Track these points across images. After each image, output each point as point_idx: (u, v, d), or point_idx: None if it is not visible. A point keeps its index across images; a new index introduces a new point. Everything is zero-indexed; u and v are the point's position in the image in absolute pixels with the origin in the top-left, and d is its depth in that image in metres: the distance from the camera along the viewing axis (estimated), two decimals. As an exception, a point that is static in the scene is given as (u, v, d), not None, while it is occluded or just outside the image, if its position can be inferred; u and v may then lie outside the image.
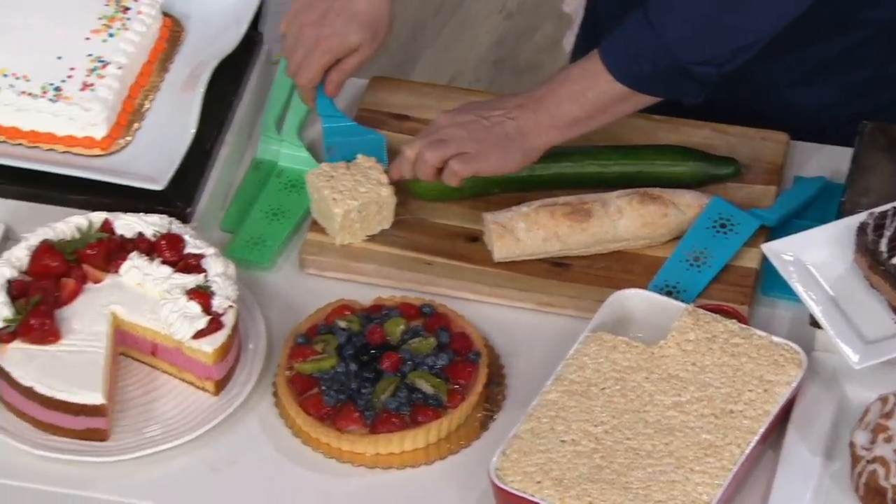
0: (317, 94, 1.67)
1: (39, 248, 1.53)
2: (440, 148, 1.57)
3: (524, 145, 1.57)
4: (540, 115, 1.56)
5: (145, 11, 1.71)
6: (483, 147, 1.57)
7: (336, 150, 1.66)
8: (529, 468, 1.42)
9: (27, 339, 1.48)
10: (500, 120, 1.57)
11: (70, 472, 1.47)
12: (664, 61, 1.52)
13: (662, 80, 1.53)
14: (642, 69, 1.52)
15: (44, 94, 1.62)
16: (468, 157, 1.57)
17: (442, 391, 1.49)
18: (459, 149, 1.57)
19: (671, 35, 1.51)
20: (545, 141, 1.57)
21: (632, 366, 1.49)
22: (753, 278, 1.60)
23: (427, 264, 1.61)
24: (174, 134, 1.63)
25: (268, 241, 1.64)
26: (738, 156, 1.69)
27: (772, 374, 1.47)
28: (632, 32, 1.53)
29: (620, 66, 1.53)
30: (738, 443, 1.43)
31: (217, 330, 1.50)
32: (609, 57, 1.54)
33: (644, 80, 1.53)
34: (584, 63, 1.56)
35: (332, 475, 1.47)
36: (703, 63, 1.52)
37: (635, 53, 1.52)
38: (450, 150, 1.57)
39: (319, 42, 1.64)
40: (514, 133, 1.56)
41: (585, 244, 1.61)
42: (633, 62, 1.53)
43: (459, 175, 1.57)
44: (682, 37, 1.51)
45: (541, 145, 1.58)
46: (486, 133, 1.56)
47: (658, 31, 1.51)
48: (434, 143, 1.57)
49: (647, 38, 1.51)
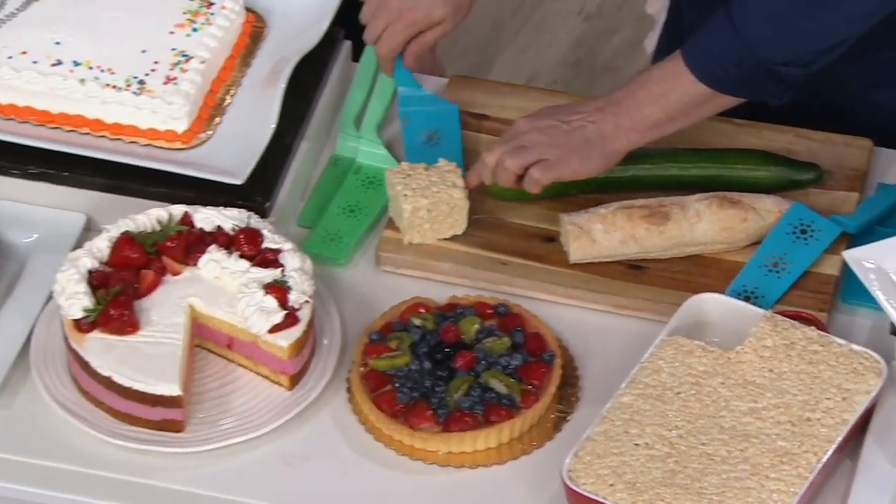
0: (395, 65, 1.67)
1: (120, 239, 1.54)
2: (520, 155, 1.57)
3: (605, 149, 1.56)
4: (620, 118, 1.55)
5: (229, 7, 1.72)
6: (563, 153, 1.56)
7: (411, 120, 1.66)
8: (602, 471, 1.41)
9: (106, 329, 1.49)
10: (580, 124, 1.56)
11: (145, 461, 1.48)
12: (748, 62, 1.50)
13: (746, 80, 1.52)
14: (726, 70, 1.51)
15: (127, 87, 1.64)
16: (548, 164, 1.57)
17: (515, 391, 1.49)
18: (540, 155, 1.57)
19: (755, 35, 1.49)
20: (626, 144, 1.57)
21: (708, 371, 1.48)
22: (833, 285, 1.58)
23: (503, 264, 1.61)
24: (254, 129, 1.64)
25: (344, 238, 1.65)
26: (820, 161, 1.67)
27: (850, 383, 1.46)
28: (715, 32, 1.51)
29: (703, 66, 1.52)
30: (815, 451, 1.42)
31: (293, 325, 1.50)
32: (691, 58, 1.53)
33: (728, 81, 1.52)
34: (666, 64, 1.55)
35: (404, 472, 1.47)
36: (787, 63, 1.50)
37: (718, 54, 1.51)
38: (530, 157, 1.57)
39: (403, 14, 1.64)
40: (595, 137, 1.56)
41: (663, 247, 1.60)
42: (717, 63, 1.51)
43: (540, 183, 1.57)
44: (766, 36, 1.49)
45: (621, 148, 1.57)
46: (566, 138, 1.56)
47: (741, 31, 1.49)
48: (514, 149, 1.57)
49: (731, 38, 1.50)
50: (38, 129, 1.65)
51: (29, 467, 1.48)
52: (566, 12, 3.09)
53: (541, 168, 1.57)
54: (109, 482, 1.47)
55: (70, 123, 1.65)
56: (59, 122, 1.65)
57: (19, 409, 1.52)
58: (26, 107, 1.66)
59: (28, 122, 1.65)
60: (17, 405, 1.52)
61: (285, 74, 1.68)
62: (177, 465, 1.48)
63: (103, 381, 1.48)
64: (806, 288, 1.57)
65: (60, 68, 1.66)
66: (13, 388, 1.53)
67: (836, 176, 1.66)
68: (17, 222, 1.64)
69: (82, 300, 1.50)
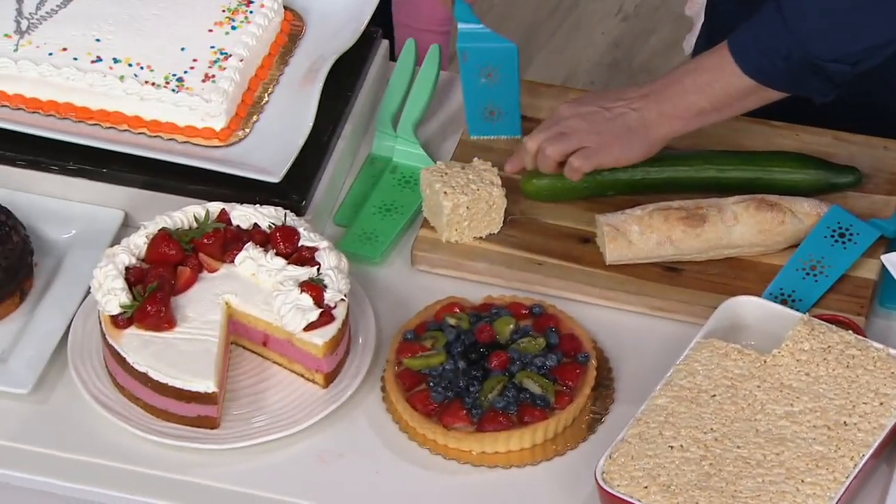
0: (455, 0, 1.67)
1: (157, 236, 1.55)
2: (562, 142, 1.56)
3: (647, 136, 1.55)
4: (664, 105, 1.54)
5: (268, 5, 1.72)
6: (605, 140, 1.55)
7: (469, 55, 1.64)
8: (636, 473, 1.41)
9: (143, 325, 1.50)
10: (622, 111, 1.55)
11: (180, 457, 1.49)
12: (796, 57, 1.48)
13: (793, 76, 1.50)
14: (773, 64, 1.49)
15: (166, 84, 1.65)
16: (590, 151, 1.56)
17: (550, 392, 1.49)
18: (581, 143, 1.56)
19: (805, 29, 1.47)
20: (668, 132, 1.56)
21: (744, 374, 1.47)
22: (871, 289, 1.57)
23: (538, 265, 1.61)
24: (292, 127, 1.65)
25: (380, 237, 1.65)
26: (859, 164, 1.66)
27: (888, 387, 1.45)
28: (763, 25, 1.49)
29: (749, 59, 1.50)
30: (852, 455, 1.41)
31: (328, 323, 1.51)
32: (738, 50, 1.51)
33: (774, 75, 1.50)
34: (712, 54, 1.53)
35: (438, 472, 1.47)
36: (836, 60, 1.48)
37: (766, 47, 1.49)
38: (571, 145, 1.56)
39: None
40: (637, 124, 1.55)
41: (699, 249, 1.60)
42: (764, 56, 1.50)
43: (581, 171, 1.57)
44: (816, 31, 1.47)
45: (663, 136, 1.56)
46: (608, 125, 1.55)
47: (791, 25, 1.47)
48: (555, 136, 1.56)
49: (780, 31, 1.48)
50: (77, 126, 1.65)
51: (65, 462, 1.49)
52: (603, 13, 3.08)
53: (582, 156, 1.56)
54: (144, 478, 1.48)
55: (109, 120, 1.66)
56: (98, 119, 1.66)
57: (56, 404, 1.53)
58: (66, 103, 1.67)
59: (67, 119, 1.66)
60: (54, 400, 1.53)
61: (323, 73, 1.68)
62: (211, 462, 1.48)
63: (139, 377, 1.49)
64: (843, 292, 1.57)
65: (100, 65, 1.66)
66: (50, 382, 1.54)
67: (875, 179, 1.65)
68: (55, 218, 1.65)
69: (119, 296, 1.50)
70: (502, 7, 3.08)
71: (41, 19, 1.71)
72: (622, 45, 3.03)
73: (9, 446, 1.50)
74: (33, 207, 1.65)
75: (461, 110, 1.76)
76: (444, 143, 1.74)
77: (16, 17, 1.71)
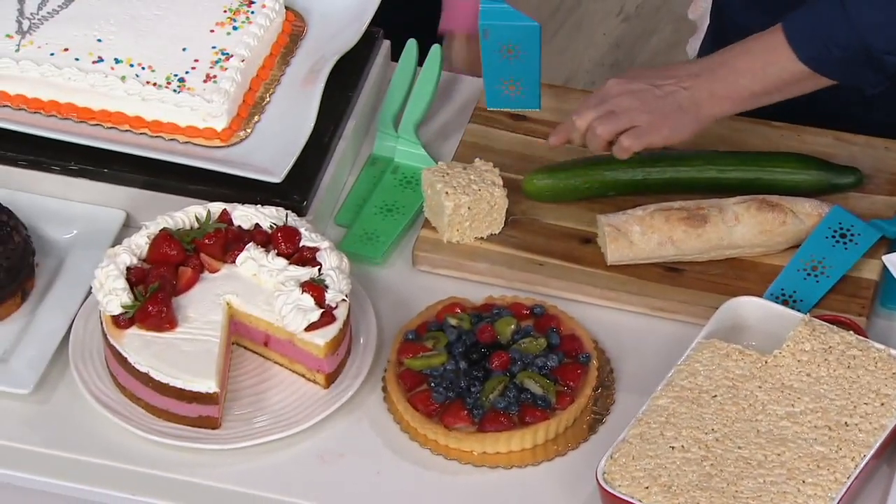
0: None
1: (158, 236, 1.55)
2: (612, 122, 1.55)
3: (697, 116, 1.54)
4: (715, 85, 1.53)
5: (269, 6, 1.72)
6: (654, 119, 1.54)
7: (490, 32, 1.63)
8: (637, 473, 1.41)
9: (144, 325, 1.50)
10: (672, 89, 1.54)
11: (181, 458, 1.49)
12: (854, 46, 1.47)
13: (847, 65, 1.49)
14: (829, 52, 1.48)
15: (168, 84, 1.65)
16: (640, 131, 1.55)
17: (551, 392, 1.49)
18: (631, 122, 1.55)
19: (866, 20, 1.46)
20: (718, 112, 1.55)
21: (745, 374, 1.47)
22: (872, 290, 1.57)
23: (539, 265, 1.61)
24: (293, 127, 1.65)
25: (381, 237, 1.65)
26: (860, 165, 1.66)
27: (889, 388, 1.45)
28: (822, 13, 1.49)
29: (806, 46, 1.49)
30: (853, 456, 1.41)
31: (329, 323, 1.51)
32: (794, 36, 1.50)
33: (829, 63, 1.49)
34: (766, 38, 1.52)
35: (439, 472, 1.47)
36: (891, 52, 1.47)
37: (824, 36, 1.48)
38: (622, 124, 1.55)
39: None
40: (688, 103, 1.54)
41: (700, 250, 1.60)
42: (822, 44, 1.48)
43: (630, 150, 1.56)
44: (877, 24, 1.46)
45: (713, 116, 1.55)
46: (658, 104, 1.54)
47: (853, 16, 1.46)
48: (605, 115, 1.55)
49: (840, 21, 1.47)
50: (79, 126, 1.65)
51: (66, 462, 1.49)
52: (604, 13, 3.08)
53: (632, 135, 1.55)
54: (145, 478, 1.48)
55: (110, 120, 1.66)
56: (100, 119, 1.66)
57: (57, 404, 1.53)
58: (67, 103, 1.67)
59: (69, 119, 1.66)
60: (55, 400, 1.53)
61: (324, 74, 1.68)
62: (212, 462, 1.48)
63: (141, 377, 1.49)
64: (844, 292, 1.57)
65: (101, 65, 1.66)
66: (52, 383, 1.54)
67: (875, 180, 1.65)
68: (56, 218, 1.65)
69: (121, 296, 1.50)
70: (503, 7, 3.07)
71: (43, 19, 1.71)
72: (623, 45, 3.03)
73: (10, 446, 1.50)
74: (35, 207, 1.65)
75: (462, 110, 1.76)
76: (446, 144, 1.74)
77: (17, 17, 1.71)
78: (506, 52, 1.62)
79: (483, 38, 1.63)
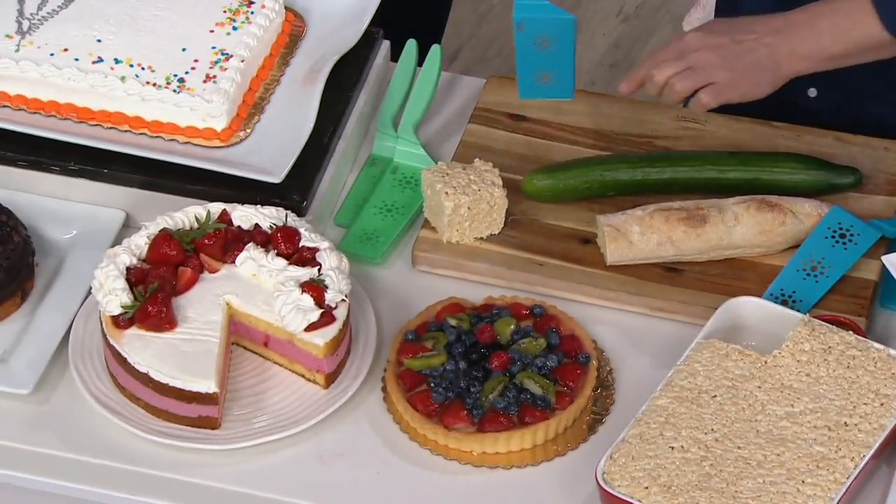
0: None
1: (158, 236, 1.55)
2: (690, 78, 1.54)
3: (776, 73, 1.54)
4: (796, 44, 1.53)
5: (269, 6, 1.72)
6: (734, 76, 1.53)
7: (526, 26, 1.61)
8: (637, 473, 1.41)
9: (144, 325, 1.50)
10: (752, 45, 1.53)
11: (180, 458, 1.49)
12: None
13: None
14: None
15: (167, 84, 1.65)
16: (719, 87, 1.54)
17: (550, 392, 1.49)
18: (709, 78, 1.54)
19: None
20: (796, 70, 1.54)
21: (744, 374, 1.47)
22: (872, 290, 1.57)
23: (539, 265, 1.61)
24: (293, 128, 1.65)
25: (380, 237, 1.65)
26: (859, 165, 1.66)
27: (889, 388, 1.45)
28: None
29: (892, 13, 1.49)
30: (852, 456, 1.41)
31: (329, 323, 1.51)
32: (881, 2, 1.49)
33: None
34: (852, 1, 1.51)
35: (438, 472, 1.47)
36: None
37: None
38: (701, 80, 1.54)
39: None
40: (767, 60, 1.53)
41: (700, 250, 1.60)
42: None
43: (708, 107, 1.55)
44: None
45: (791, 74, 1.55)
46: (737, 60, 1.53)
47: None
48: (686, 71, 1.54)
49: None
50: (79, 126, 1.66)
51: (66, 462, 1.49)
52: (604, 14, 3.08)
53: (711, 92, 1.54)
54: (145, 478, 1.48)
55: (110, 120, 1.66)
56: (99, 119, 1.66)
57: (57, 405, 1.53)
58: (67, 104, 1.67)
59: (68, 119, 1.66)
60: (55, 400, 1.53)
61: (324, 74, 1.68)
62: (212, 462, 1.48)
63: (140, 378, 1.49)
64: (844, 292, 1.57)
65: (101, 66, 1.67)
66: (51, 383, 1.54)
67: (875, 180, 1.66)
68: (56, 218, 1.65)
69: (120, 296, 1.50)
70: (502, 7, 3.08)
71: (42, 20, 1.71)
72: (623, 45, 3.03)
73: (10, 447, 1.50)
74: (34, 208, 1.65)
75: (462, 110, 1.76)
76: (445, 144, 1.74)
77: (17, 17, 1.72)
78: (540, 43, 1.61)
79: (518, 31, 1.62)
